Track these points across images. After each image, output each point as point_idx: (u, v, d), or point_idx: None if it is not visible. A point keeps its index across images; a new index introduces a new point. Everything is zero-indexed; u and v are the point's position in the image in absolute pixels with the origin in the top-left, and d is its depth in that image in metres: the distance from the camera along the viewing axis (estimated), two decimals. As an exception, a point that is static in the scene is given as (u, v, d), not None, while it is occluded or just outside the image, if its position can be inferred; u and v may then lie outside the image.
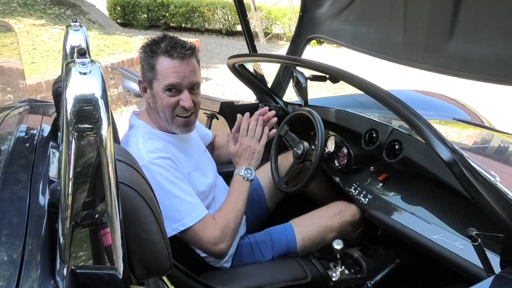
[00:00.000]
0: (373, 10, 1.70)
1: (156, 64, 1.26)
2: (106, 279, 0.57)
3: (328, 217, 1.55)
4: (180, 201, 1.24)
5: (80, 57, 0.57)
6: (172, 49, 1.25)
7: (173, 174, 1.25)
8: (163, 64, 1.25)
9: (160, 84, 1.26)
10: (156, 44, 1.27)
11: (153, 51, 1.26)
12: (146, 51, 1.29)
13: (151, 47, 1.27)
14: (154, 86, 1.28)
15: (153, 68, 1.27)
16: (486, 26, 1.24)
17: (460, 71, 1.38)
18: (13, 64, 1.69)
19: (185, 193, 1.26)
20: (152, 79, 1.28)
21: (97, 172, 0.54)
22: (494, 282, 0.92)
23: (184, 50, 1.25)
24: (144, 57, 1.29)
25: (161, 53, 1.25)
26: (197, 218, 1.24)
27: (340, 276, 1.45)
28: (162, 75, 1.26)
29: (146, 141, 1.29)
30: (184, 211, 1.23)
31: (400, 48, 1.61)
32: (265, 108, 1.56)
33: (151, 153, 1.24)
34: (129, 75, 2.40)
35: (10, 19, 6.33)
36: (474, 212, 1.23)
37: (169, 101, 1.28)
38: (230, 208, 1.35)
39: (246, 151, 1.44)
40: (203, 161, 1.51)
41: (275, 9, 8.88)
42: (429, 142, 1.03)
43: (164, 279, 1.00)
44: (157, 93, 1.28)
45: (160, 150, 1.27)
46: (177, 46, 1.25)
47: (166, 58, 1.25)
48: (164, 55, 1.25)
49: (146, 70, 1.29)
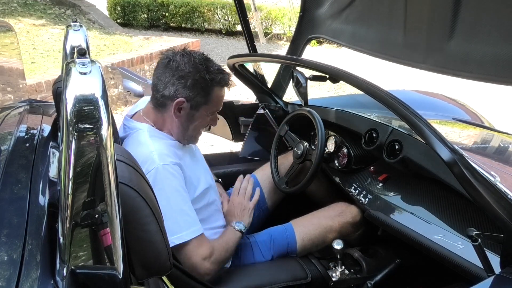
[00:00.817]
0: (373, 10, 1.70)
1: (211, 92, 1.30)
2: (106, 279, 0.57)
3: (329, 218, 1.55)
4: (182, 213, 1.22)
5: (80, 57, 0.57)
6: (225, 83, 1.33)
7: (180, 183, 1.25)
8: (217, 93, 1.32)
9: (210, 109, 1.34)
10: (212, 73, 1.29)
11: (211, 80, 1.29)
12: (204, 78, 1.28)
13: (209, 75, 1.29)
14: (201, 109, 1.32)
15: (208, 94, 1.30)
16: (486, 26, 1.24)
17: (460, 71, 1.38)
18: (13, 64, 1.69)
19: (187, 205, 1.25)
20: (201, 104, 1.31)
21: (97, 172, 0.54)
22: (494, 282, 0.92)
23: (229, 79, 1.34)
24: (199, 80, 1.27)
25: (217, 84, 1.31)
26: (195, 233, 1.22)
27: (340, 276, 1.45)
28: (215, 103, 1.33)
29: (156, 143, 1.27)
30: (184, 222, 1.22)
31: (400, 48, 1.61)
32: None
33: (164, 156, 1.24)
34: (129, 75, 2.40)
35: (10, 19, 6.33)
36: (474, 212, 1.23)
37: (205, 123, 1.38)
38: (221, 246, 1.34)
39: (237, 208, 1.50)
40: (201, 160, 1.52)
41: (275, 9, 8.87)
42: (429, 142, 1.03)
43: (164, 279, 1.00)
44: (202, 116, 1.34)
45: (172, 153, 1.27)
46: (227, 77, 1.34)
47: (221, 88, 1.33)
48: (220, 86, 1.32)
49: (197, 95, 1.29)
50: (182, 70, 1.27)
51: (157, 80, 1.30)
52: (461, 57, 1.35)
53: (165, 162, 1.22)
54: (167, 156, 1.24)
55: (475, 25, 1.28)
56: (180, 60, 1.28)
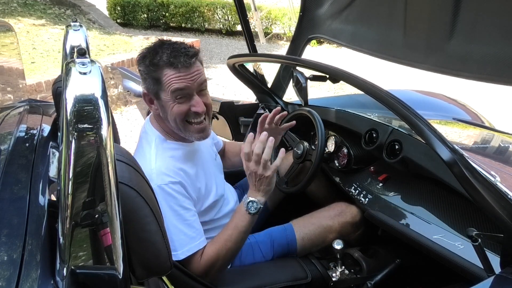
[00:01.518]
0: (373, 10, 1.70)
1: (160, 76, 1.19)
2: (106, 279, 0.57)
3: (329, 218, 1.55)
4: (178, 232, 1.20)
5: (80, 57, 0.57)
6: (175, 59, 1.17)
7: (179, 202, 1.21)
8: (168, 75, 1.18)
9: (168, 92, 1.20)
10: (156, 55, 1.19)
11: (154, 64, 1.18)
12: (146, 65, 1.20)
13: (152, 60, 1.19)
14: (162, 96, 1.22)
15: (158, 80, 1.20)
16: (486, 26, 1.24)
17: (460, 71, 1.38)
18: (13, 64, 1.69)
19: (185, 223, 1.22)
20: (158, 90, 1.22)
21: (97, 172, 0.54)
22: (494, 282, 0.92)
23: (188, 59, 1.18)
24: (145, 70, 1.21)
25: (164, 65, 1.18)
26: (190, 251, 1.21)
27: (340, 276, 1.45)
28: (168, 84, 1.19)
29: (160, 160, 1.24)
30: (178, 242, 1.20)
31: (400, 48, 1.61)
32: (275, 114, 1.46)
33: (163, 176, 1.20)
34: (129, 75, 2.40)
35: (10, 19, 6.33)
36: (474, 212, 1.23)
37: (180, 109, 1.22)
38: (221, 243, 1.26)
39: (252, 177, 1.27)
40: (214, 171, 1.47)
41: (275, 9, 8.88)
42: (429, 142, 1.03)
43: (164, 279, 1.00)
44: (166, 102, 1.22)
45: (173, 172, 1.23)
46: (180, 55, 1.18)
47: (170, 69, 1.18)
48: (168, 67, 1.18)
49: (149, 84, 1.22)
50: (138, 61, 1.25)
51: None
52: (461, 57, 1.35)
53: (163, 182, 1.19)
54: (166, 176, 1.20)
55: (475, 25, 1.28)
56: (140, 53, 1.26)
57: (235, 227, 1.27)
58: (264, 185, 1.26)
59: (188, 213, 1.24)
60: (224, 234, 1.28)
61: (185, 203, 1.24)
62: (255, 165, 1.24)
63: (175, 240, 1.19)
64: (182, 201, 1.23)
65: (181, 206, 1.22)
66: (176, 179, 1.22)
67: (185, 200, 1.24)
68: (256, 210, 1.26)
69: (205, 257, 1.24)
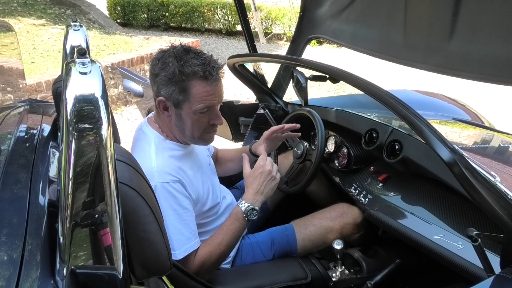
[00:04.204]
0: (373, 10, 1.70)
1: (189, 88, 1.17)
2: (106, 279, 0.57)
3: (330, 219, 1.55)
4: (176, 232, 1.20)
5: (80, 57, 0.57)
6: (209, 74, 1.17)
7: (178, 201, 1.21)
8: (198, 88, 1.17)
9: (194, 107, 1.19)
10: (185, 63, 1.16)
11: (185, 73, 1.16)
12: (173, 72, 1.16)
13: (182, 67, 1.16)
14: (184, 107, 1.21)
15: (185, 91, 1.18)
16: (486, 26, 1.24)
17: (460, 71, 1.38)
18: (13, 64, 1.69)
19: (183, 223, 1.22)
20: (182, 101, 1.20)
21: (97, 172, 0.54)
22: (494, 282, 0.92)
23: (219, 73, 1.18)
24: (171, 77, 1.17)
25: (195, 77, 1.16)
26: (186, 252, 1.21)
27: (340, 276, 1.45)
28: (197, 99, 1.18)
29: (161, 159, 1.24)
30: (177, 242, 1.20)
31: (400, 48, 1.61)
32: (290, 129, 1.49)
33: (164, 174, 1.20)
34: (129, 75, 2.40)
35: (10, 19, 6.33)
36: (474, 212, 1.23)
37: (202, 122, 1.23)
38: (215, 246, 1.27)
39: (263, 176, 1.30)
40: (209, 174, 1.47)
41: (275, 9, 8.88)
42: (429, 142, 1.03)
43: (164, 279, 1.00)
44: (188, 114, 1.22)
45: (174, 170, 1.23)
46: (212, 68, 1.17)
47: (202, 82, 1.17)
48: (200, 80, 1.16)
49: (173, 92, 1.19)
50: (155, 66, 1.20)
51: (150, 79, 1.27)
52: (461, 57, 1.35)
53: (165, 180, 1.19)
54: (167, 174, 1.20)
55: (475, 25, 1.27)
56: (157, 55, 1.22)
57: (230, 231, 1.28)
58: (270, 188, 1.32)
59: (187, 213, 1.24)
60: (218, 237, 1.28)
61: (184, 203, 1.24)
62: (271, 165, 1.33)
63: (173, 240, 1.19)
64: (182, 200, 1.23)
65: (181, 206, 1.23)
66: (176, 177, 1.23)
67: (184, 199, 1.24)
68: (256, 216, 1.30)
69: (198, 258, 1.24)
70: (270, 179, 1.32)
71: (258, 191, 1.31)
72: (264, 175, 1.32)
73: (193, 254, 1.24)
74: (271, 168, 1.33)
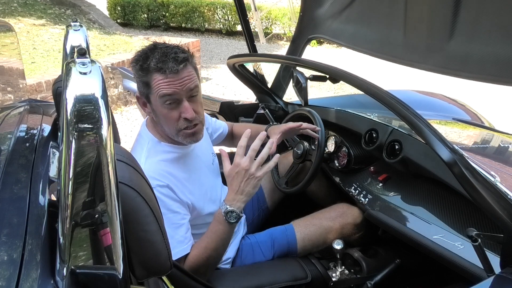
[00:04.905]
0: (373, 10, 1.70)
1: (150, 81, 1.19)
2: (106, 279, 0.57)
3: (330, 219, 1.55)
4: None
5: (80, 57, 0.57)
6: (163, 65, 1.16)
7: (166, 205, 1.20)
8: (156, 80, 1.18)
9: (156, 97, 1.19)
10: (146, 60, 1.19)
11: (144, 69, 1.19)
12: (137, 69, 1.21)
13: (142, 64, 1.19)
14: (152, 100, 1.22)
15: (148, 84, 1.20)
16: (486, 26, 1.24)
17: (460, 71, 1.38)
18: (13, 64, 1.69)
19: (172, 227, 1.20)
20: (148, 94, 1.23)
21: (97, 172, 0.54)
22: (494, 282, 0.92)
23: (177, 65, 1.17)
24: (136, 75, 1.22)
25: (153, 71, 1.18)
26: (176, 256, 1.19)
27: (340, 276, 1.45)
28: (156, 88, 1.19)
29: (149, 163, 1.23)
30: None
31: (400, 48, 1.61)
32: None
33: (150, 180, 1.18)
34: (129, 75, 2.40)
35: (10, 19, 6.33)
36: (474, 212, 1.23)
37: (170, 115, 1.21)
38: (202, 250, 1.24)
39: (240, 175, 1.19)
40: (210, 177, 1.45)
41: (275, 9, 8.88)
42: (429, 142, 1.03)
43: (164, 279, 1.00)
44: (156, 107, 1.22)
45: (161, 175, 1.21)
46: (169, 60, 1.16)
47: (159, 74, 1.17)
48: (157, 72, 1.17)
49: (141, 87, 1.24)
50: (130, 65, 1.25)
51: None
52: (461, 57, 1.35)
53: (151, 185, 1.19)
54: (153, 179, 1.17)
55: (475, 25, 1.28)
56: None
57: (214, 234, 1.23)
58: (250, 187, 1.20)
59: (176, 217, 1.22)
60: (204, 240, 1.25)
61: (173, 206, 1.22)
62: (249, 162, 1.19)
63: None
64: (170, 204, 1.21)
65: (169, 209, 1.21)
66: (163, 182, 1.21)
67: (173, 203, 1.22)
68: (236, 219, 1.20)
69: (187, 263, 1.23)
70: (248, 177, 1.19)
71: (238, 191, 1.20)
72: (241, 174, 1.20)
73: (184, 258, 1.23)
74: (248, 165, 1.19)
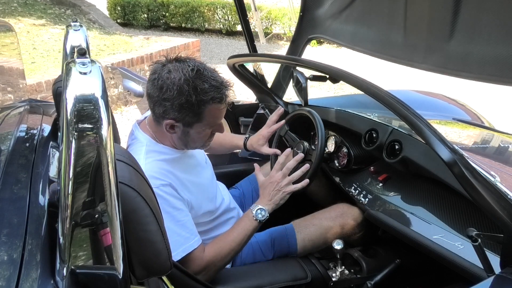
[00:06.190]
0: (373, 10, 1.70)
1: (204, 112, 1.20)
2: (106, 279, 0.57)
3: (330, 219, 1.55)
4: (172, 234, 1.16)
5: (80, 57, 0.57)
6: (225, 97, 1.21)
7: (170, 203, 1.21)
8: (213, 112, 1.21)
9: (205, 126, 1.23)
10: (203, 92, 1.16)
11: (203, 101, 1.17)
12: (191, 102, 1.16)
13: (197, 95, 1.16)
14: (195, 127, 1.23)
15: (200, 115, 1.20)
16: (486, 26, 1.24)
17: (460, 71, 1.38)
18: (13, 64, 1.69)
19: (178, 224, 1.22)
20: (193, 122, 1.22)
21: (97, 172, 0.54)
22: (494, 282, 0.92)
23: (229, 93, 1.22)
24: (186, 104, 1.17)
25: (212, 102, 1.19)
26: (184, 252, 1.21)
27: (340, 276, 1.45)
28: (210, 119, 1.22)
29: (149, 163, 1.24)
30: (172, 243, 1.16)
31: (400, 48, 1.61)
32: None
33: (152, 179, 1.16)
34: (129, 75, 2.40)
35: (10, 19, 6.33)
36: (474, 212, 1.23)
37: (206, 134, 1.27)
38: (225, 244, 1.29)
39: (272, 185, 1.36)
40: (206, 175, 1.47)
41: (275, 9, 8.88)
42: (429, 142, 1.03)
43: (164, 279, 1.00)
44: (197, 132, 1.25)
45: (162, 174, 1.23)
46: (226, 90, 1.21)
47: (217, 105, 1.20)
48: (216, 104, 1.19)
49: (186, 116, 1.19)
50: (166, 91, 1.16)
51: (149, 93, 1.22)
52: (461, 57, 1.35)
53: (154, 185, 1.15)
54: (155, 179, 1.19)
55: (475, 25, 1.27)
56: (166, 78, 1.16)
57: (241, 229, 1.31)
58: (278, 197, 1.35)
59: (181, 214, 1.24)
60: (230, 235, 1.31)
61: (177, 204, 1.23)
62: (282, 177, 1.36)
63: (170, 242, 1.18)
64: (174, 202, 1.23)
65: (173, 208, 1.22)
66: (166, 181, 1.22)
67: (176, 201, 1.24)
68: (263, 218, 1.32)
69: (207, 254, 1.25)
70: (278, 189, 1.35)
71: (268, 198, 1.36)
72: (273, 185, 1.36)
73: (195, 253, 1.24)
74: (280, 179, 1.36)
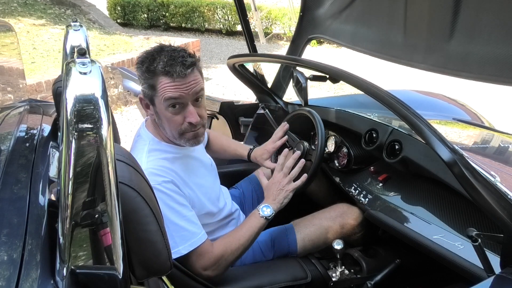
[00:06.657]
0: (373, 10, 1.70)
1: (156, 84, 1.19)
2: (106, 279, 0.57)
3: (330, 219, 1.55)
4: (177, 228, 1.20)
5: (80, 57, 0.57)
6: (171, 68, 1.16)
7: (174, 199, 1.22)
8: (162, 83, 1.18)
9: (161, 100, 1.20)
10: (153, 62, 1.18)
11: (150, 70, 1.18)
12: (143, 71, 1.20)
13: (148, 66, 1.19)
14: (156, 103, 1.22)
15: (153, 87, 1.20)
16: (486, 26, 1.24)
17: (460, 71, 1.38)
18: (13, 64, 1.69)
19: (183, 219, 1.22)
20: (152, 97, 1.22)
21: (97, 172, 0.54)
22: (494, 282, 0.92)
23: (184, 69, 1.17)
24: (142, 76, 1.21)
25: (160, 73, 1.17)
26: (192, 246, 1.21)
27: (340, 276, 1.45)
28: (162, 92, 1.19)
29: (151, 161, 1.25)
30: (179, 238, 1.20)
31: (400, 48, 1.61)
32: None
33: (155, 177, 1.20)
34: (129, 75, 2.40)
35: (10, 19, 6.33)
36: (474, 212, 1.23)
37: (174, 119, 1.23)
38: (234, 239, 1.30)
39: (275, 186, 1.40)
40: (208, 178, 1.47)
41: (275, 9, 8.88)
42: (429, 142, 1.03)
43: (164, 279, 1.00)
44: (160, 110, 1.23)
45: (164, 171, 1.23)
46: (176, 64, 1.17)
47: (166, 78, 1.18)
48: (164, 76, 1.18)
49: (145, 89, 1.23)
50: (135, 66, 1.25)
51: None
52: (461, 57, 1.35)
53: (156, 183, 1.18)
54: (157, 176, 1.20)
55: (475, 25, 1.27)
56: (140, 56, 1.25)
57: (249, 226, 1.33)
58: (282, 197, 1.38)
59: (185, 209, 1.25)
60: (238, 232, 1.33)
61: (180, 200, 1.24)
62: (283, 177, 1.40)
63: (175, 237, 1.19)
64: (178, 198, 1.23)
65: (178, 203, 1.23)
66: (168, 178, 1.23)
67: (179, 197, 1.24)
68: (269, 215, 1.34)
69: (215, 250, 1.26)
70: (281, 188, 1.39)
71: (272, 198, 1.39)
72: (276, 185, 1.40)
73: (203, 248, 1.24)
74: (282, 179, 1.40)
